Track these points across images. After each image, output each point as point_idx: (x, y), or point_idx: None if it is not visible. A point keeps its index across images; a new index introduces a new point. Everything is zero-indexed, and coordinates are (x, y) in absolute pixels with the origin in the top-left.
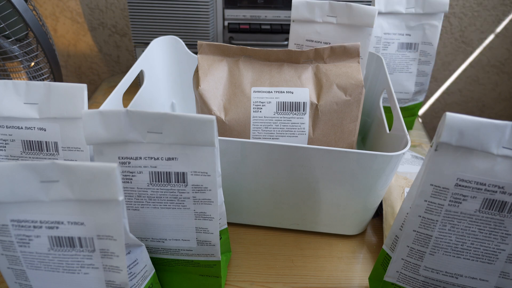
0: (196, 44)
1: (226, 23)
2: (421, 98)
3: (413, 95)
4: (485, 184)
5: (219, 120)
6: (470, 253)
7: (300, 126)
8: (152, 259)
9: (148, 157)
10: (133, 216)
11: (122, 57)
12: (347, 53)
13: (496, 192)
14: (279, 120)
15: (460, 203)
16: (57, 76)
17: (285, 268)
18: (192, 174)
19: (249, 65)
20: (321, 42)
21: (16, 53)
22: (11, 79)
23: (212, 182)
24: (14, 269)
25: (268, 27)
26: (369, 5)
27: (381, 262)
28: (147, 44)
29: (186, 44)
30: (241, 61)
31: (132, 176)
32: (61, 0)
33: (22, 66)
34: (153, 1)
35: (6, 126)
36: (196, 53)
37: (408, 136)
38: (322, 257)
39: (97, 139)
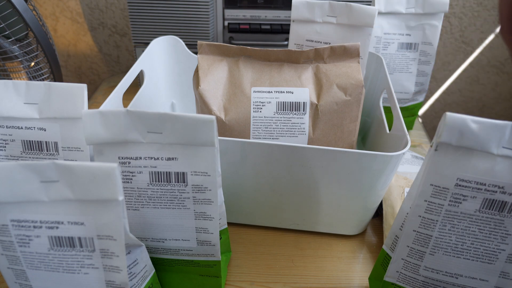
0: (196, 44)
1: (226, 23)
2: (421, 98)
3: (413, 95)
4: (485, 184)
5: (219, 120)
6: (470, 253)
7: (300, 126)
8: (152, 259)
9: (148, 157)
10: (133, 216)
11: (122, 57)
12: (347, 53)
13: (496, 192)
14: (279, 120)
15: (460, 203)
16: (57, 76)
17: (285, 268)
18: (192, 174)
19: (249, 65)
20: (321, 42)
21: (16, 53)
22: (11, 79)
23: (212, 182)
24: (14, 269)
25: (268, 27)
26: (369, 5)
27: (381, 262)
28: (147, 44)
29: (186, 44)
30: (241, 61)
31: (132, 176)
32: (61, 0)
33: (22, 66)
34: (153, 1)
35: (6, 126)
36: (196, 53)
37: (408, 136)
38: (322, 257)
39: (97, 139)
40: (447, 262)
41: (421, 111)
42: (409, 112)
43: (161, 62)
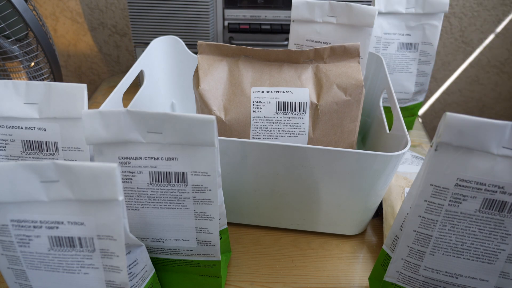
0: (196, 44)
1: (226, 23)
2: (421, 98)
3: (413, 95)
4: (485, 184)
5: (219, 120)
6: (470, 253)
7: (300, 126)
8: (152, 259)
9: (148, 157)
10: (133, 216)
11: (122, 57)
12: (347, 53)
13: (496, 192)
14: (279, 120)
15: (460, 203)
16: (57, 76)
17: (285, 268)
18: (192, 174)
19: (249, 65)
20: (321, 42)
21: (16, 53)
22: (11, 79)
23: (212, 182)
24: (14, 269)
25: (268, 27)
26: (369, 5)
27: (381, 262)
28: (147, 44)
29: (186, 44)
30: (241, 61)
31: (132, 176)
32: (61, 0)
33: (22, 66)
34: (153, 1)
35: (6, 126)
36: (196, 53)
37: (408, 136)
38: (322, 257)
39: (97, 139)
40: (447, 262)
41: (421, 111)
42: (409, 112)
43: (161, 62)
